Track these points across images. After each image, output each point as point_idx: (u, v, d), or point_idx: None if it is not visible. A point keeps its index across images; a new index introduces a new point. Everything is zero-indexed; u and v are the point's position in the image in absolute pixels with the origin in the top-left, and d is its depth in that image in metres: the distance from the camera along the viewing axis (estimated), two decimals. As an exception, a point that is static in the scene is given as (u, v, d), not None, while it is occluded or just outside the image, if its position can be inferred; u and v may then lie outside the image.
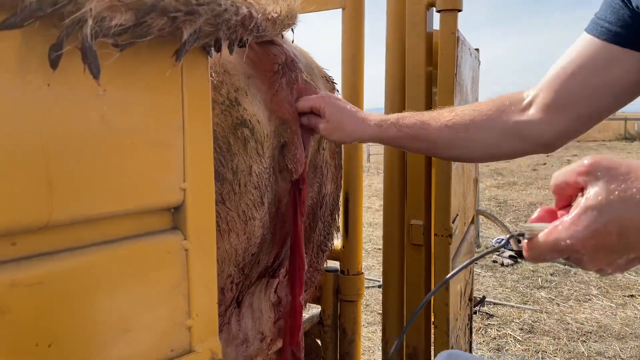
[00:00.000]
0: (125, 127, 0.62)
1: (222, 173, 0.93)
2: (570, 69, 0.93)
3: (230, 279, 1.03)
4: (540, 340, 3.61)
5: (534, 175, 11.89)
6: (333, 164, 1.30)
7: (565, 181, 0.61)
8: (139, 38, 0.56)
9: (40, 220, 0.57)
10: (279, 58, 1.07)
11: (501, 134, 1.01)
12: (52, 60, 0.52)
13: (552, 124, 0.96)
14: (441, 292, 1.52)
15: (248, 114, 0.98)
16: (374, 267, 5.19)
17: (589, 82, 0.91)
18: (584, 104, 0.93)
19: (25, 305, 0.56)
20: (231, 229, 0.98)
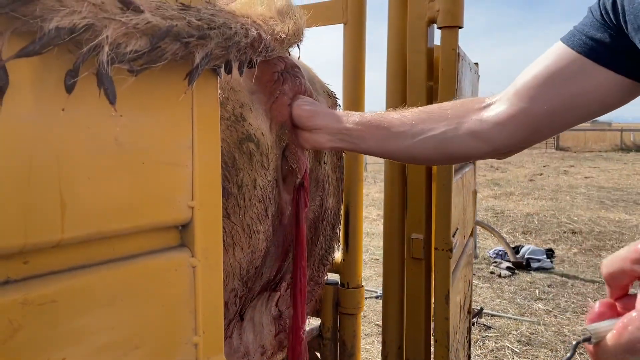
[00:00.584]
0: (137, 148, 0.63)
1: (227, 188, 0.94)
2: (541, 77, 0.91)
3: (234, 292, 1.04)
4: (538, 353, 3.62)
5: (531, 185, 11.93)
6: (335, 177, 1.32)
7: (619, 269, 0.57)
8: (153, 63, 0.57)
9: (53, 239, 0.57)
10: (278, 66, 1.09)
11: (456, 131, 0.98)
12: (68, 85, 0.53)
13: (509, 130, 0.94)
14: (441, 305, 1.53)
15: (253, 128, 1.00)
16: (371, 277, 5.19)
17: (556, 93, 0.90)
18: (545, 115, 0.91)
19: (37, 323, 0.57)
20: (236, 243, 0.99)
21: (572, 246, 6.50)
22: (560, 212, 8.57)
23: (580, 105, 0.89)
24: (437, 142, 0.99)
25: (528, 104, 0.92)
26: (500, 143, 0.97)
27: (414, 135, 0.99)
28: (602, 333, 0.56)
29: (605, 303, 0.60)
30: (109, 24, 0.52)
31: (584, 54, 0.86)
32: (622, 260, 0.57)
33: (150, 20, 0.55)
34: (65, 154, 0.57)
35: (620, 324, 0.54)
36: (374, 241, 6.52)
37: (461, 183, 1.78)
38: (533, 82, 0.92)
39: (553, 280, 5.14)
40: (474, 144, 0.98)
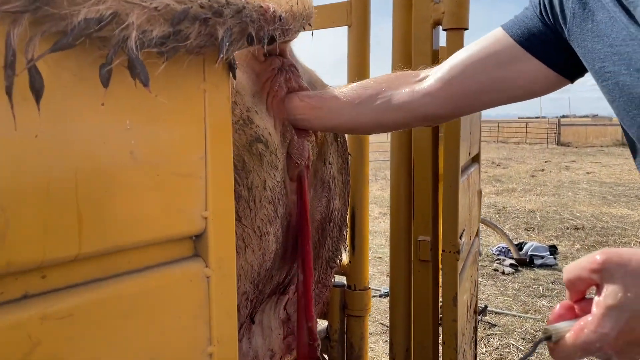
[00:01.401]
0: (151, 160, 0.64)
1: (238, 191, 0.95)
2: (475, 56, 0.97)
3: (245, 295, 1.04)
4: (543, 350, 3.62)
5: (533, 181, 11.93)
6: (341, 179, 1.32)
7: (579, 277, 0.63)
8: (180, 43, 0.58)
9: (71, 253, 0.58)
10: (275, 63, 1.10)
11: (390, 101, 1.04)
12: (103, 76, 0.54)
13: (438, 99, 1.01)
14: (449, 308, 1.53)
15: (260, 129, 1.00)
16: (374, 276, 5.19)
17: (486, 72, 0.96)
18: (474, 91, 0.99)
19: (56, 337, 0.57)
20: (247, 245, 0.99)
21: (575, 242, 6.49)
22: (563, 208, 8.57)
23: (506, 89, 0.97)
24: (373, 115, 1.07)
25: (458, 80, 0.99)
26: (428, 113, 1.04)
27: (351, 109, 1.07)
28: (561, 333, 0.63)
29: (565, 305, 0.67)
30: (132, 9, 0.54)
31: (520, 42, 0.93)
32: (581, 268, 0.63)
33: (168, 4, 0.56)
34: (82, 169, 0.57)
35: (577, 326, 0.61)
36: (376, 239, 6.52)
37: (467, 183, 1.78)
38: (467, 61, 0.98)
39: (557, 277, 5.13)
40: (404, 114, 1.05)
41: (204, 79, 0.69)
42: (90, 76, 0.57)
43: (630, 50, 0.76)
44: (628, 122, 0.79)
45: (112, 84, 0.59)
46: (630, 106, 0.78)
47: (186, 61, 0.65)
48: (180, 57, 0.62)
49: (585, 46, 0.84)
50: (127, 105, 0.61)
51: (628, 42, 0.77)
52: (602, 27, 0.81)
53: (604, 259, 0.60)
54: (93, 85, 0.57)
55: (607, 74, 0.80)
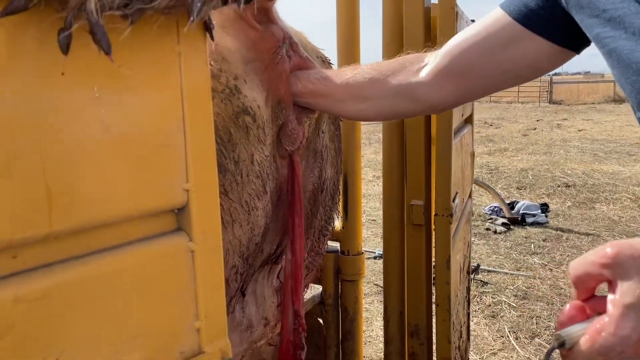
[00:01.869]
0: (124, 130, 0.59)
1: (224, 164, 0.91)
2: (473, 39, 0.94)
3: (234, 269, 1.02)
4: (535, 306, 3.68)
5: (525, 140, 11.93)
6: (333, 147, 1.28)
7: (587, 273, 0.57)
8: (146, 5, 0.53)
9: (41, 232, 0.54)
10: (279, 34, 1.04)
11: (395, 93, 1.03)
12: (62, 42, 0.49)
13: (442, 89, 0.99)
14: (442, 271, 1.53)
15: (249, 101, 0.96)
16: (368, 238, 5.22)
17: (486, 56, 0.93)
18: (475, 76, 0.96)
19: (30, 320, 0.54)
20: (234, 220, 0.96)
21: (566, 200, 6.55)
22: (554, 166, 8.60)
23: (511, 70, 0.93)
24: (380, 108, 1.06)
25: (460, 69, 0.96)
26: (433, 101, 1.02)
27: (359, 102, 1.06)
28: (575, 338, 0.57)
29: (574, 305, 0.61)
30: None
31: (518, 20, 0.88)
32: (589, 264, 0.57)
33: None
34: (48, 141, 0.53)
35: (593, 329, 0.55)
36: (370, 202, 6.54)
37: (460, 146, 1.75)
38: (465, 44, 0.95)
39: (548, 235, 5.19)
40: (412, 107, 1.04)
41: (178, 41, 0.64)
42: (53, 41, 0.52)
43: (622, 13, 0.72)
44: (628, 89, 0.75)
45: (76, 48, 0.54)
46: (628, 72, 0.73)
47: (157, 22, 0.60)
48: (150, 17, 0.57)
49: (582, 12, 0.79)
50: (95, 71, 0.56)
51: (618, 5, 0.72)
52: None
53: (616, 252, 0.54)
54: (56, 50, 0.52)
55: (605, 39, 0.76)
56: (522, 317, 3.54)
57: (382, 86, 1.02)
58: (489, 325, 3.44)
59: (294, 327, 1.20)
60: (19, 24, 0.49)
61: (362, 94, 1.04)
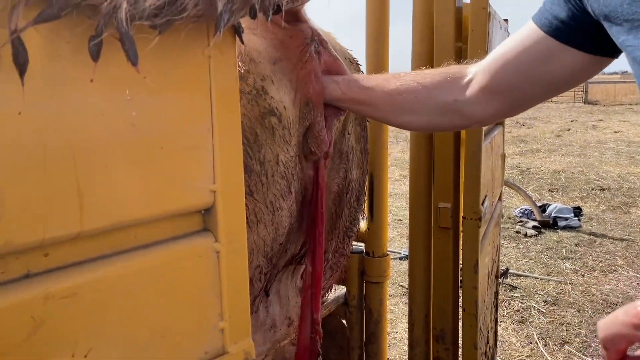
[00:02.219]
0: (154, 132, 0.60)
1: (250, 165, 0.91)
2: (510, 55, 0.95)
3: (258, 269, 1.02)
4: (565, 313, 3.60)
5: (558, 141, 11.66)
6: (359, 148, 1.27)
7: (618, 334, 0.56)
8: (175, 16, 0.53)
9: (72, 231, 0.55)
10: (307, 32, 1.04)
11: (440, 110, 1.05)
12: (92, 50, 0.50)
13: (487, 105, 1.01)
14: (470, 275, 1.50)
15: (275, 102, 0.96)
16: (394, 238, 5.19)
17: (524, 72, 0.93)
18: (517, 92, 0.97)
19: (60, 317, 0.55)
20: (259, 220, 0.97)
21: (601, 203, 6.37)
22: (589, 169, 8.38)
23: (550, 82, 0.93)
24: (425, 122, 1.10)
25: (499, 83, 0.97)
26: (480, 117, 1.04)
27: (402, 115, 1.08)
28: None
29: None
30: None
31: (550, 34, 0.88)
32: (620, 324, 0.56)
33: None
34: (80, 143, 0.54)
35: None
36: (396, 202, 6.49)
37: (490, 148, 1.72)
38: (503, 61, 0.96)
39: (580, 239, 5.06)
40: (456, 121, 1.07)
41: (208, 44, 0.65)
42: (86, 46, 0.53)
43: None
44: None
45: (108, 52, 0.55)
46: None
47: (187, 27, 0.60)
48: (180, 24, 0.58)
49: (608, 21, 0.78)
50: (127, 74, 0.57)
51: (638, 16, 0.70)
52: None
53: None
54: (88, 55, 0.53)
55: (628, 47, 0.75)
56: (551, 324, 3.46)
57: (428, 102, 1.04)
58: (517, 331, 3.37)
59: (311, 335, 1.20)
60: (54, 29, 0.50)
61: (407, 108, 1.06)
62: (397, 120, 1.11)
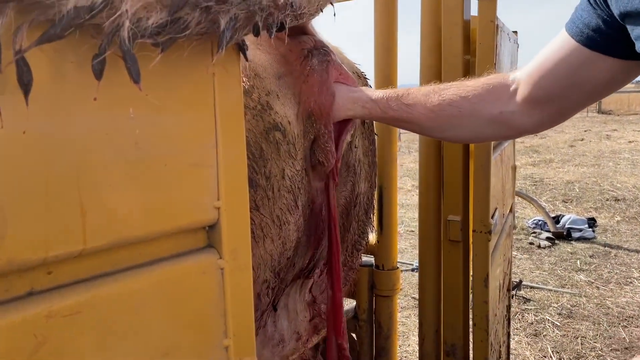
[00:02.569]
0: (158, 150, 0.61)
1: (255, 179, 0.91)
2: (546, 65, 0.96)
3: (266, 284, 1.02)
4: (580, 326, 3.53)
5: (572, 152, 11.55)
6: (367, 162, 1.27)
7: None
8: (177, 34, 0.54)
9: (75, 249, 0.56)
10: (307, 44, 1.04)
11: (487, 122, 1.06)
12: (96, 68, 0.50)
13: (532, 116, 1.02)
14: (480, 289, 1.48)
15: (279, 117, 0.96)
16: (406, 250, 5.15)
17: (563, 81, 0.94)
18: (558, 100, 0.98)
19: (63, 335, 0.55)
20: (266, 235, 0.97)
21: (615, 214, 6.28)
22: (603, 179, 8.27)
23: (589, 90, 0.94)
24: (468, 135, 1.12)
25: (539, 94, 0.98)
26: (527, 127, 1.05)
27: (447, 130, 1.09)
28: None
29: None
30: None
31: (583, 43, 0.88)
32: None
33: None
34: (84, 162, 0.55)
35: None
36: (409, 212, 6.46)
37: (500, 160, 1.71)
38: (540, 72, 0.97)
39: (595, 251, 4.99)
40: (503, 132, 1.10)
41: (212, 61, 0.65)
42: (89, 65, 0.54)
43: None
44: None
45: (112, 71, 0.55)
46: None
47: (191, 44, 0.61)
48: (183, 41, 0.58)
49: (631, 22, 0.77)
50: (130, 93, 0.57)
51: None
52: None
53: None
54: (92, 74, 0.54)
55: None
56: (566, 337, 3.40)
57: (474, 116, 1.05)
58: (530, 345, 3.32)
59: None
60: (58, 49, 0.51)
61: (451, 123, 1.07)
62: (442, 135, 1.13)
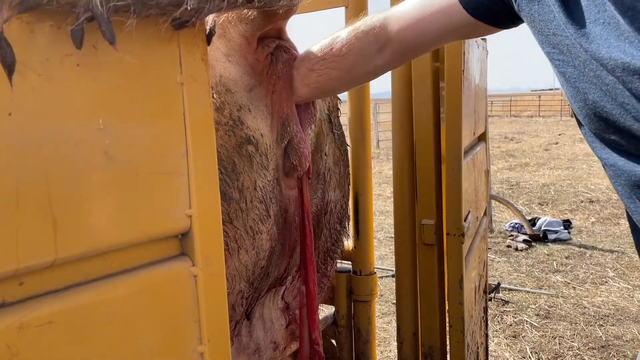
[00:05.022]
0: (128, 159, 0.61)
1: (228, 193, 0.92)
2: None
3: (240, 294, 1.03)
4: (557, 326, 3.60)
5: (547, 155, 11.78)
6: (337, 171, 1.29)
7: None
8: None
9: (47, 260, 0.56)
10: (268, 46, 1.04)
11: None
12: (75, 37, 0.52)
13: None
14: (455, 291, 1.51)
15: (252, 130, 0.97)
16: (386, 256, 5.18)
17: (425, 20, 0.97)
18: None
19: (35, 345, 0.56)
20: (240, 247, 0.97)
21: (590, 216, 6.42)
22: (577, 182, 8.46)
23: (432, 29, 0.97)
24: None
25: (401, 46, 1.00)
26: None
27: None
28: None
29: None
30: None
31: (468, 9, 0.92)
32: None
33: None
34: (53, 172, 0.55)
35: None
36: (388, 219, 6.50)
37: (472, 164, 1.75)
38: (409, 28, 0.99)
39: (571, 252, 5.09)
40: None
41: (180, 71, 0.67)
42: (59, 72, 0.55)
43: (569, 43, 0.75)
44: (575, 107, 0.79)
45: (83, 81, 0.57)
46: (575, 97, 0.77)
47: (160, 53, 0.62)
48: (154, 45, 0.60)
49: (535, 27, 0.82)
50: (100, 103, 0.59)
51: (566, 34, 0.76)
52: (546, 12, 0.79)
53: None
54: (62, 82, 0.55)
55: (555, 61, 0.79)
56: (544, 337, 3.46)
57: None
58: (510, 346, 3.36)
59: (310, 356, 1.20)
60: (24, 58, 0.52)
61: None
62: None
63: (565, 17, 0.75)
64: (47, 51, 0.54)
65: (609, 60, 0.70)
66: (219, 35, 0.98)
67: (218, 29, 0.97)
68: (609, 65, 0.70)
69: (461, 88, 1.45)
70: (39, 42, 0.53)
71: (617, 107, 0.71)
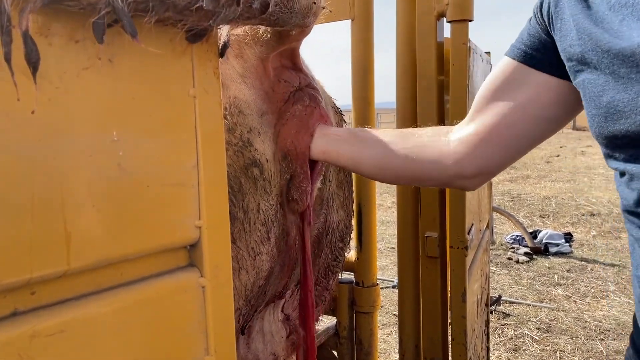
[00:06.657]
0: (141, 171, 0.62)
1: (234, 212, 0.93)
2: (490, 90, 0.94)
3: (238, 312, 1.03)
4: (558, 340, 3.58)
5: (548, 167, 11.78)
6: (341, 193, 1.29)
7: None
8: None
9: (59, 270, 0.57)
10: (291, 85, 1.04)
11: (422, 151, 1.00)
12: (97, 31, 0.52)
13: (471, 144, 0.95)
14: (458, 304, 1.51)
15: (258, 154, 0.97)
16: (387, 266, 5.18)
17: (504, 102, 0.90)
18: (503, 126, 0.92)
19: (47, 354, 0.56)
20: (241, 267, 0.98)
21: (591, 229, 6.41)
22: (579, 194, 8.46)
23: (533, 115, 0.89)
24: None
25: (484, 117, 0.93)
26: (465, 162, 0.95)
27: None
28: None
29: None
30: None
31: (521, 60, 0.89)
32: None
33: None
34: (67, 183, 0.56)
35: None
36: (389, 229, 6.50)
37: (475, 177, 1.75)
38: (485, 95, 0.94)
39: (572, 265, 5.08)
40: (438, 166, 0.98)
41: (193, 85, 0.68)
42: (74, 85, 0.56)
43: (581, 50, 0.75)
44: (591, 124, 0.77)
45: (96, 94, 0.58)
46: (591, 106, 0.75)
47: (173, 66, 0.63)
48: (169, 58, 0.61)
49: (560, 45, 0.82)
50: (114, 115, 0.60)
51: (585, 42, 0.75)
52: (566, 27, 0.79)
53: None
54: (77, 94, 0.56)
55: (573, 73, 0.79)
56: (545, 351, 3.44)
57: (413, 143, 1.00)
58: (510, 359, 3.35)
59: None
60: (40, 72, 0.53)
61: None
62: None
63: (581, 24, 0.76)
64: (64, 64, 0.55)
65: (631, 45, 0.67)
66: (235, 55, 0.99)
67: (235, 48, 0.98)
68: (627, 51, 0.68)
69: (466, 102, 1.46)
70: (57, 54, 0.54)
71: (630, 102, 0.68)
